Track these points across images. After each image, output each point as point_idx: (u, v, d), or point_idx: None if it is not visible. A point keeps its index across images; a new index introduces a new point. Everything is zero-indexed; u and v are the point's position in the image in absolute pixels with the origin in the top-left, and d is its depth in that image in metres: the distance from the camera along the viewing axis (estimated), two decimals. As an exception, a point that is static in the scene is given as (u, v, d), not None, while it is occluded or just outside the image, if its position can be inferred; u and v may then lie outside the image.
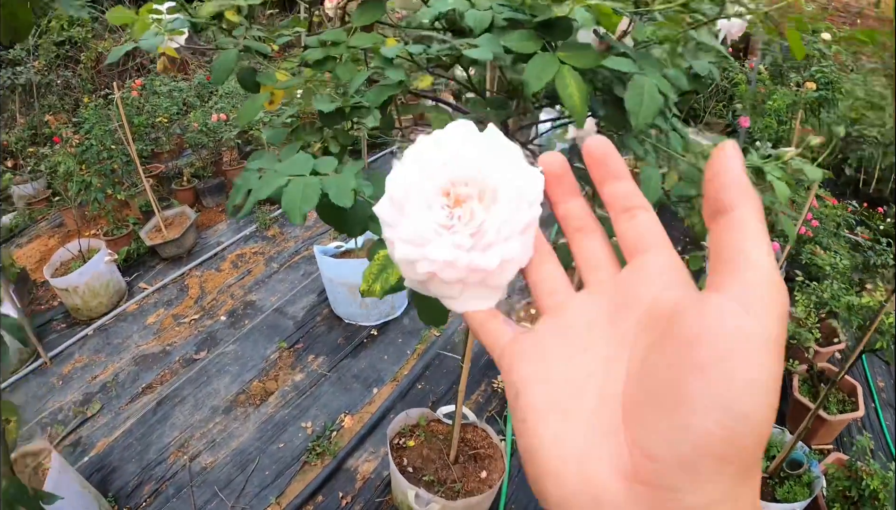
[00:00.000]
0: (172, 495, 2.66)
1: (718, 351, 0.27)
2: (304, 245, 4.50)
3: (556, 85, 0.87)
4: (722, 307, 0.28)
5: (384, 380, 3.26)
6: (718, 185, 0.31)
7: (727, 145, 0.32)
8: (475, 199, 0.39)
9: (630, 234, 0.37)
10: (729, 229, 0.30)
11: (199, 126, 4.96)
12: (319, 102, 1.05)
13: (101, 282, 3.79)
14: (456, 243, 0.38)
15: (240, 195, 0.91)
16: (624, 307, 0.35)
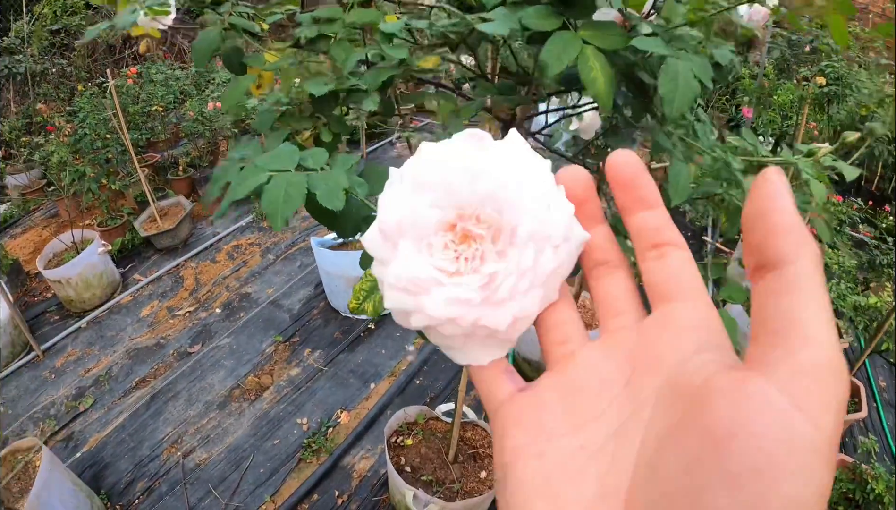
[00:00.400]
0: (166, 492, 2.61)
1: (756, 459, 0.20)
2: (300, 236, 4.44)
3: (579, 68, 0.79)
4: (766, 399, 0.22)
5: (382, 375, 3.21)
6: (766, 229, 0.25)
7: (771, 174, 0.26)
8: (488, 239, 0.33)
9: (658, 275, 0.32)
10: (780, 291, 0.24)
11: (195, 115, 4.91)
12: (311, 85, 0.96)
13: (94, 273, 3.74)
14: (460, 297, 0.32)
15: (216, 188, 0.82)
16: (644, 368, 0.29)
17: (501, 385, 0.34)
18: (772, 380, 0.22)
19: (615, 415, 0.29)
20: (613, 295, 0.34)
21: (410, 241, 0.33)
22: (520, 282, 0.32)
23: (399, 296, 0.33)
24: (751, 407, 0.22)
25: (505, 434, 0.32)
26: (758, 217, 0.25)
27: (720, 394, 0.23)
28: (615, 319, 0.33)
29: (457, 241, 0.33)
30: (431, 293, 0.32)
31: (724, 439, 0.21)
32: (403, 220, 0.33)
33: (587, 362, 0.32)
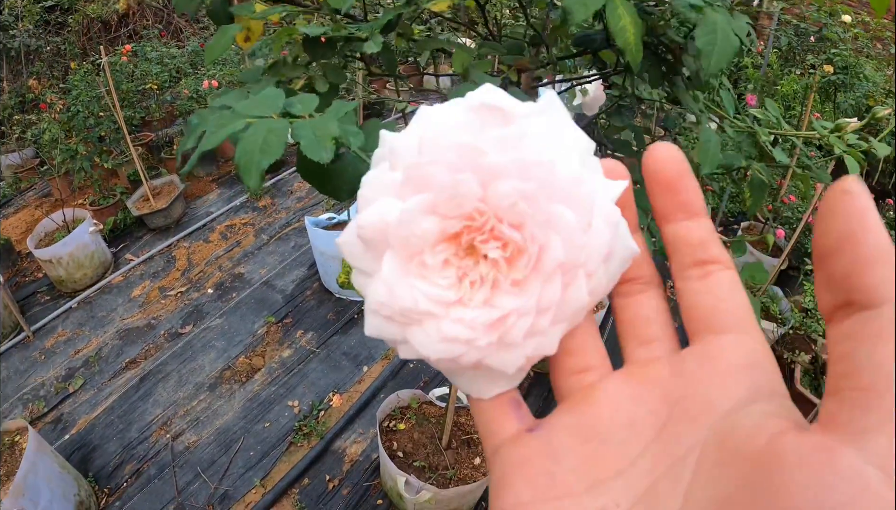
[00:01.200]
0: (154, 475, 2.58)
1: None
2: (295, 216, 4.39)
3: (608, 17, 0.72)
4: (862, 478, 0.17)
5: (375, 357, 3.16)
6: (857, 257, 0.19)
7: (854, 185, 0.20)
8: (502, 262, 0.25)
9: (702, 300, 0.26)
10: (875, 338, 0.18)
11: (190, 93, 4.85)
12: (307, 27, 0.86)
13: (85, 253, 3.69)
14: (458, 336, 0.25)
15: (192, 139, 0.68)
16: (683, 415, 0.24)
17: (505, 420, 0.28)
18: (868, 454, 0.17)
19: (645, 472, 0.23)
20: (644, 318, 0.28)
21: (399, 256, 0.26)
22: (539, 321, 0.25)
23: (382, 324, 0.27)
24: (844, 488, 0.16)
25: (506, 484, 0.26)
26: (845, 240, 0.19)
27: (800, 467, 0.18)
28: (644, 349, 0.27)
29: (461, 255, 0.26)
30: (424, 326, 0.26)
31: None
32: (389, 227, 0.25)
33: (612, 400, 0.26)
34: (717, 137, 0.88)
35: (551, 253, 0.24)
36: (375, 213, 0.26)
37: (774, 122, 1.02)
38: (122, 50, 5.03)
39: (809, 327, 2.75)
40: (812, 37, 4.23)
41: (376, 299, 0.26)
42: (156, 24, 6.59)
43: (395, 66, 0.98)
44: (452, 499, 2.16)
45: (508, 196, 0.24)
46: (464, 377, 0.28)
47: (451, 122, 0.26)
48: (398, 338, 0.27)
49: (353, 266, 0.28)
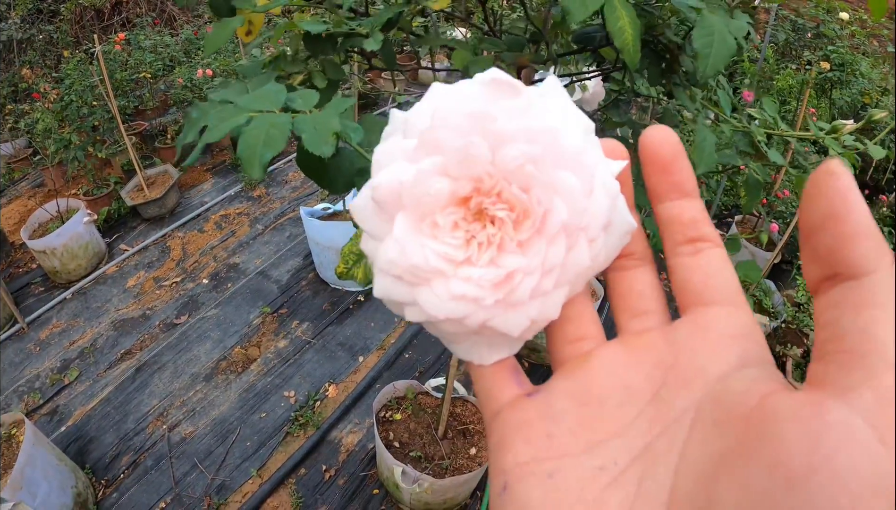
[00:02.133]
0: (151, 467, 2.58)
1: (840, 501, 0.17)
2: (290, 206, 4.39)
3: (606, 17, 0.73)
4: (851, 430, 0.18)
5: (370, 348, 3.17)
6: (841, 233, 0.20)
7: (837, 168, 0.21)
8: (509, 223, 0.26)
9: (693, 275, 0.27)
10: (858, 304, 0.20)
11: (184, 82, 4.83)
12: (308, 23, 0.87)
13: (79, 243, 3.68)
14: (466, 294, 0.26)
15: (192, 132, 0.69)
16: (678, 380, 0.25)
17: (505, 385, 0.29)
18: (854, 408, 0.18)
19: (641, 433, 0.24)
20: (637, 292, 0.29)
21: (410, 216, 0.27)
22: (543, 281, 0.26)
23: (391, 284, 0.27)
24: (833, 438, 0.18)
25: (506, 446, 0.26)
26: (828, 217, 0.21)
27: (791, 421, 0.19)
28: (638, 320, 0.28)
29: (469, 219, 0.27)
30: (433, 285, 0.26)
31: (802, 476, 0.17)
32: (403, 187, 0.26)
33: (608, 366, 0.27)
34: (712, 137, 0.89)
35: (555, 215, 0.26)
36: (390, 174, 0.27)
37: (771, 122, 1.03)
38: (116, 38, 5.00)
39: (801, 321, 2.77)
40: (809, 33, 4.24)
41: (387, 258, 0.27)
42: (149, 12, 6.56)
43: (394, 61, 0.98)
44: (448, 489, 2.17)
45: (516, 159, 0.25)
46: (465, 343, 0.29)
47: (464, 94, 0.27)
48: (406, 299, 0.27)
49: (365, 230, 0.29)
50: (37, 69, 5.44)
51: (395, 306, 0.28)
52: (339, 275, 0.77)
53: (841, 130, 0.97)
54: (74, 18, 6.11)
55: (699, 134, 0.88)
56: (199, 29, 5.88)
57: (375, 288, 0.28)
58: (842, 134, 0.97)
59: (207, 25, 5.88)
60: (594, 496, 0.23)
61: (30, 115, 4.37)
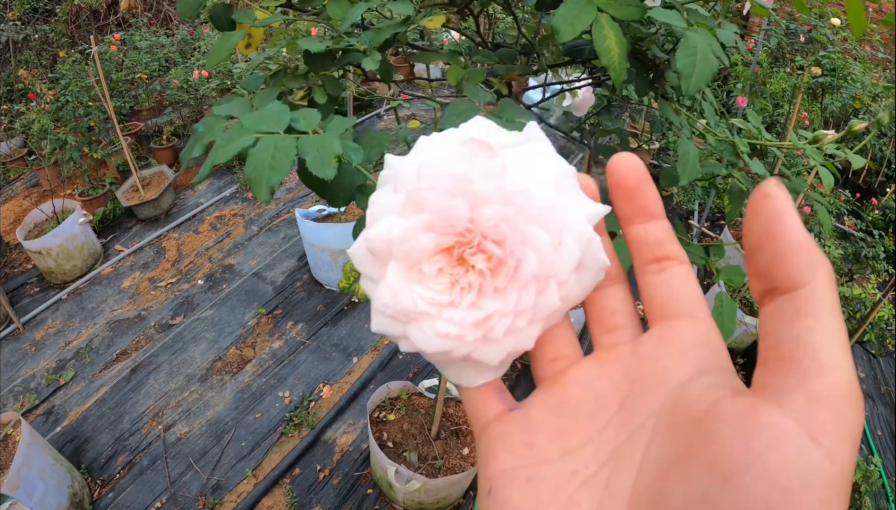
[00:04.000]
0: (147, 467, 2.60)
1: (771, 495, 0.19)
2: (285, 207, 4.40)
3: (594, 36, 0.76)
4: (782, 430, 0.20)
5: (364, 349, 3.19)
6: (776, 250, 0.23)
7: (772, 188, 0.23)
8: (486, 272, 0.30)
9: (659, 291, 0.30)
10: (794, 314, 0.22)
11: (179, 83, 4.84)
12: (307, 42, 0.89)
13: (75, 244, 3.69)
14: (449, 333, 0.29)
15: (198, 147, 0.75)
16: (642, 389, 0.27)
17: (490, 403, 0.32)
18: (786, 410, 0.20)
19: (610, 439, 0.27)
20: (610, 309, 0.32)
21: (400, 265, 0.30)
22: (517, 321, 0.29)
23: (386, 322, 0.31)
24: (765, 438, 0.20)
25: (491, 456, 0.30)
26: (765, 237, 0.23)
27: (730, 423, 0.21)
28: (610, 335, 0.31)
29: (453, 265, 0.30)
30: (421, 324, 0.30)
31: (736, 472, 0.20)
32: (393, 242, 0.30)
33: (581, 380, 0.30)
34: (695, 150, 0.91)
35: (526, 265, 0.29)
36: (382, 230, 0.30)
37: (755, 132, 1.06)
38: (112, 39, 5.01)
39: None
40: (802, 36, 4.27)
41: (382, 301, 0.30)
42: (145, 12, 6.56)
43: (391, 75, 1.01)
44: (441, 489, 2.19)
45: (492, 218, 0.29)
46: (453, 368, 0.32)
47: (446, 153, 0.30)
48: (399, 335, 0.31)
49: (362, 273, 0.32)
50: (33, 69, 5.44)
51: (392, 338, 0.32)
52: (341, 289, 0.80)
53: (822, 140, 0.99)
54: (70, 18, 6.11)
55: (682, 146, 0.91)
56: (194, 29, 5.88)
57: (373, 324, 0.32)
58: (823, 144, 0.99)
59: (203, 26, 5.88)
60: (567, 496, 0.26)
61: (26, 116, 4.37)
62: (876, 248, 3.42)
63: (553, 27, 0.73)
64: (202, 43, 5.42)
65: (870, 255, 3.42)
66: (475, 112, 0.81)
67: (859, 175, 4.57)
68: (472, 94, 0.85)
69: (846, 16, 0.90)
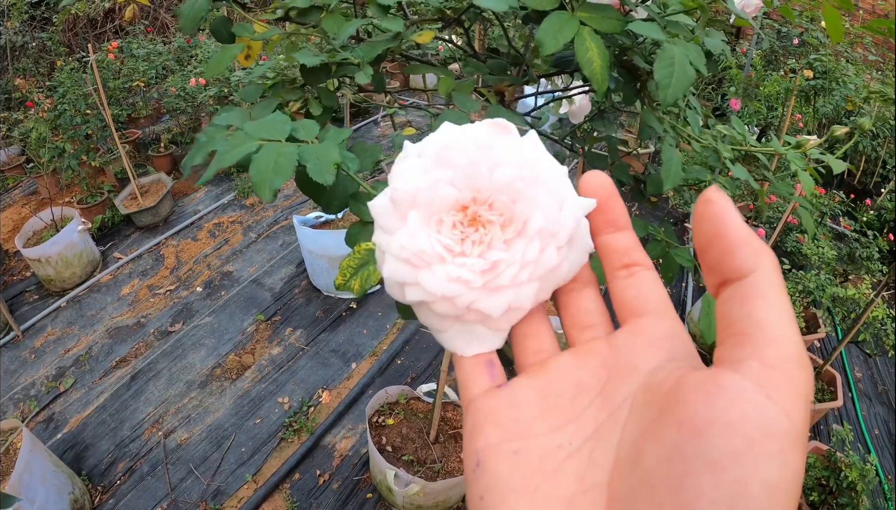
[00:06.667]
0: (147, 473, 2.61)
1: (735, 444, 0.21)
2: (283, 214, 4.42)
3: (576, 49, 0.78)
4: (741, 390, 0.23)
5: (363, 354, 3.21)
6: (722, 246, 0.26)
7: (713, 194, 0.27)
8: (497, 226, 0.33)
9: (628, 293, 0.33)
10: (743, 297, 0.25)
11: (177, 91, 4.85)
12: (303, 56, 0.92)
13: (74, 251, 3.70)
14: (460, 276, 0.32)
15: (200, 154, 0.78)
16: (618, 375, 0.30)
17: (479, 377, 0.34)
18: (743, 374, 0.23)
19: (592, 419, 0.29)
20: (584, 309, 0.35)
21: (421, 214, 0.33)
22: (520, 273, 0.32)
23: (400, 266, 0.33)
24: (726, 397, 0.23)
25: (478, 429, 0.31)
26: (712, 236, 0.27)
27: (695, 389, 0.24)
28: (585, 332, 0.34)
29: (465, 223, 0.33)
30: (433, 268, 0.32)
31: (703, 427, 0.22)
32: (419, 191, 0.33)
33: (562, 368, 0.32)
34: (678, 156, 0.94)
35: (534, 222, 0.32)
36: (409, 180, 0.33)
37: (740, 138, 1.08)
38: (109, 47, 5.03)
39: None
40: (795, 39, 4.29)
41: (399, 243, 0.33)
42: (142, 20, 6.58)
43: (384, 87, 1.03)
44: (440, 492, 2.20)
45: (509, 176, 0.32)
46: (451, 331, 0.34)
47: (472, 129, 0.34)
48: (410, 280, 0.33)
49: (379, 226, 0.35)
50: (30, 78, 5.45)
51: (397, 288, 0.34)
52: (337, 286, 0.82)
53: (805, 145, 1.02)
54: (67, 27, 6.12)
55: (666, 153, 0.94)
56: (191, 37, 5.90)
57: (386, 269, 0.34)
58: (806, 149, 1.02)
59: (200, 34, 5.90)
60: (553, 467, 0.28)
61: (24, 124, 4.38)
62: (870, 248, 3.45)
63: (537, 40, 0.76)
64: (199, 51, 5.44)
65: (864, 255, 3.44)
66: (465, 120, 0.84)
67: (854, 176, 4.59)
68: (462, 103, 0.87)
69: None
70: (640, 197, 1.29)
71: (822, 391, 2.79)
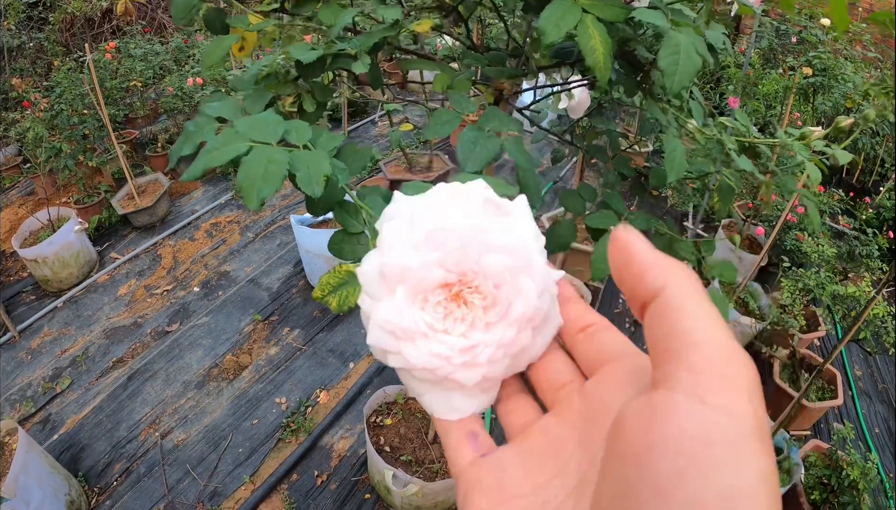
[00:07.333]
0: (144, 474, 2.59)
1: (677, 462, 0.21)
2: (280, 214, 4.41)
3: (579, 37, 0.77)
4: (672, 404, 0.22)
5: (361, 354, 3.20)
6: (633, 275, 0.28)
7: (619, 233, 0.29)
8: (480, 309, 0.35)
9: (591, 348, 0.34)
10: (661, 316, 0.26)
11: (174, 90, 4.83)
12: (297, 50, 0.90)
13: (70, 252, 3.69)
14: (441, 353, 0.34)
15: (189, 145, 0.76)
16: (592, 421, 0.31)
17: (463, 450, 0.35)
18: (673, 388, 0.23)
19: (575, 471, 0.30)
20: (554, 369, 0.36)
21: (408, 291, 0.35)
22: (496, 352, 0.34)
23: (384, 336, 0.35)
24: (660, 415, 0.22)
25: (469, 499, 0.32)
26: (622, 268, 0.28)
27: (632, 415, 0.24)
28: (560, 392, 0.35)
29: (449, 300, 0.35)
30: (416, 343, 0.34)
31: (643, 453, 0.22)
32: (409, 271, 0.34)
33: (543, 428, 0.34)
34: (682, 147, 0.93)
35: (515, 308, 0.34)
36: (399, 258, 0.34)
37: (744, 130, 1.07)
38: (106, 47, 5.01)
39: (787, 323, 2.80)
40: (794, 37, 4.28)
41: (384, 316, 0.34)
42: (139, 20, 6.56)
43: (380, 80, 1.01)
44: (439, 492, 2.19)
45: (498, 265, 0.34)
46: (430, 395, 0.36)
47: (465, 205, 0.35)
48: (392, 350, 0.35)
49: (366, 290, 0.36)
50: (27, 78, 5.44)
51: (380, 353, 0.36)
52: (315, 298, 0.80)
53: (810, 137, 1.00)
54: (64, 27, 6.11)
55: (669, 144, 0.93)
56: (188, 37, 5.88)
57: (370, 336, 0.35)
58: (811, 140, 1.00)
59: (197, 34, 5.89)
60: None
61: (20, 124, 4.36)
62: (870, 246, 3.44)
63: (539, 28, 0.75)
64: (196, 51, 5.43)
65: (864, 253, 3.43)
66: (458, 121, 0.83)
67: (853, 174, 4.59)
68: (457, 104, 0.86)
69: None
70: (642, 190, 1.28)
71: (823, 389, 2.79)
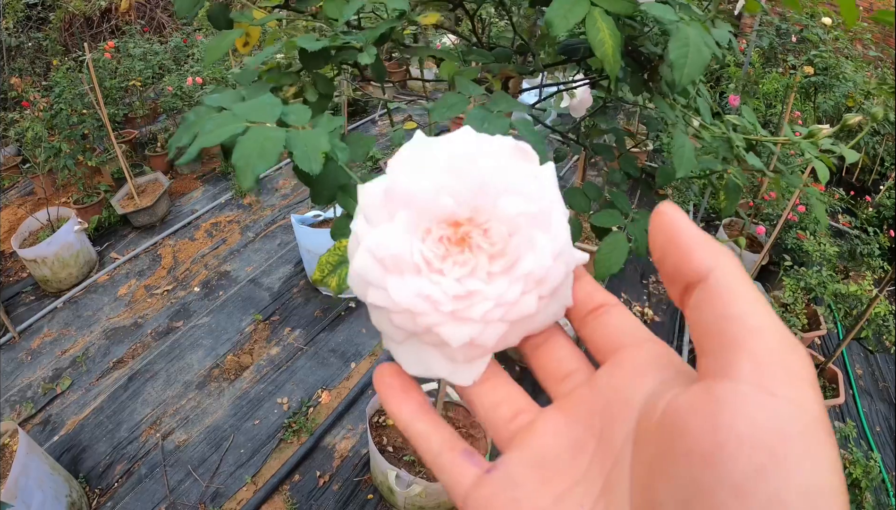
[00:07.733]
0: (145, 475, 2.58)
1: (756, 458, 0.19)
2: (280, 214, 4.40)
3: (587, 29, 0.75)
4: (740, 397, 0.20)
5: (362, 354, 3.19)
6: (679, 251, 0.25)
7: (664, 207, 0.26)
8: (485, 254, 0.30)
9: (603, 332, 0.31)
10: (711, 299, 0.23)
11: (173, 90, 4.82)
12: (303, 40, 0.87)
13: (70, 252, 3.68)
14: (431, 295, 0.29)
15: (187, 134, 0.71)
16: (610, 417, 0.27)
17: (463, 468, 0.31)
18: (736, 378, 0.21)
19: (598, 474, 0.27)
20: (557, 358, 0.33)
21: (411, 217, 0.30)
22: (493, 310, 0.30)
23: (370, 263, 0.30)
24: (727, 411, 0.20)
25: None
26: (667, 244, 0.26)
27: (691, 412, 0.22)
28: (565, 382, 0.32)
29: (453, 240, 0.30)
30: (405, 277, 0.30)
31: (714, 452, 0.20)
32: (419, 193, 0.30)
33: (550, 428, 0.30)
34: (690, 143, 0.92)
35: (524, 263, 0.30)
36: (412, 180, 0.30)
37: (751, 128, 1.06)
38: (105, 46, 5.00)
39: (789, 321, 2.79)
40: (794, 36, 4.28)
41: (377, 241, 0.30)
42: (138, 19, 6.56)
43: (384, 74, 1.00)
44: (442, 493, 2.18)
45: (515, 207, 0.30)
46: (403, 347, 0.32)
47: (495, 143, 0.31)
48: (376, 281, 0.30)
49: (365, 212, 0.31)
50: (26, 77, 5.43)
51: (361, 285, 0.31)
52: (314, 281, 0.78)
53: (818, 135, 0.99)
54: (63, 26, 6.10)
55: (677, 140, 0.92)
56: (188, 36, 5.88)
57: (355, 261, 0.30)
58: (818, 138, 0.99)
59: (197, 33, 5.88)
60: None
61: (20, 124, 4.35)
62: (871, 245, 3.44)
63: (547, 21, 0.73)
64: (196, 50, 5.42)
65: (865, 252, 3.43)
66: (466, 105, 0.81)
67: (853, 173, 4.59)
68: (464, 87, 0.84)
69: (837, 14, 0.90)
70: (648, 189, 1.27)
71: (825, 388, 2.78)
